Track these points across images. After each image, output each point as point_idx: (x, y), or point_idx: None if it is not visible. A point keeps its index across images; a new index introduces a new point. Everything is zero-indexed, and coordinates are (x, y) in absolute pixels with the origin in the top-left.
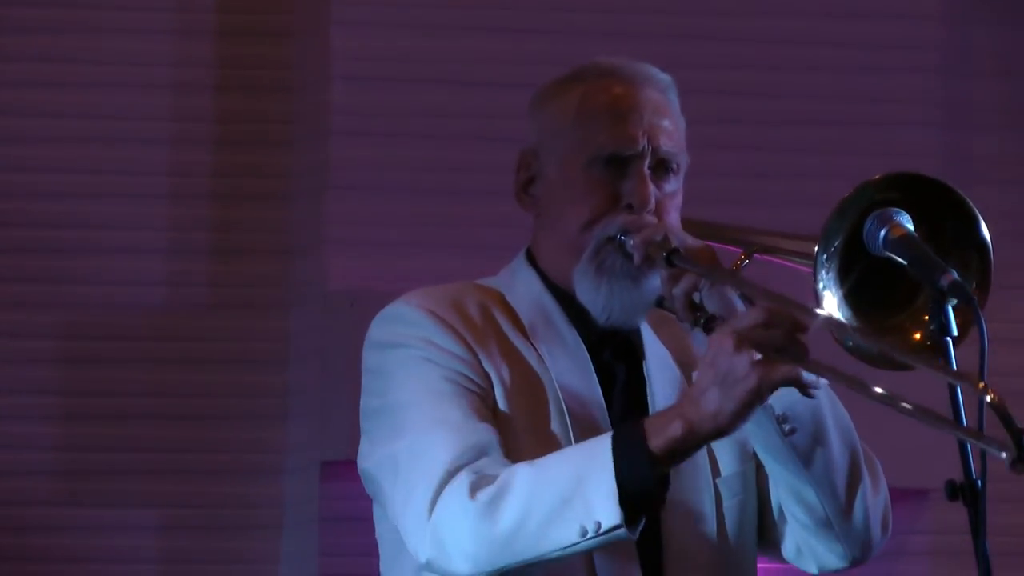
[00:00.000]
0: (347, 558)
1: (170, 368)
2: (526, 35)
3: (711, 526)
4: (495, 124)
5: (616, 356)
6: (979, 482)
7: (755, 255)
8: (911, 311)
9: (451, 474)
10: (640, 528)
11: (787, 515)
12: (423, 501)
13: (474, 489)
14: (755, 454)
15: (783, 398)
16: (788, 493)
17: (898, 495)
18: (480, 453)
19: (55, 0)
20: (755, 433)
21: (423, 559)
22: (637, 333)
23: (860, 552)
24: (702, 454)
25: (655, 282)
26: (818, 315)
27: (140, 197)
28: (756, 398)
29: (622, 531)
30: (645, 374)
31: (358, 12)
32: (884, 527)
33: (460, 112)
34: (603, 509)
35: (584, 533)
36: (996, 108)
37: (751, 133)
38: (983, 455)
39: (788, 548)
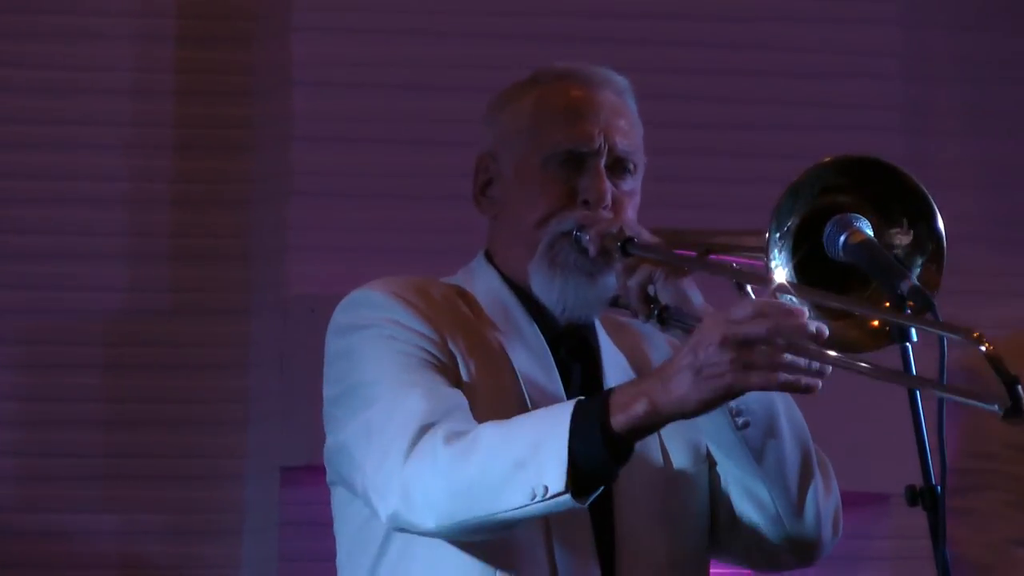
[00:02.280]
0: (307, 563)
1: (131, 373)
2: (484, 40)
3: (662, 520)
4: (456, 129)
5: (572, 355)
6: (939, 487)
7: (711, 256)
8: (864, 298)
9: (426, 427)
10: (589, 499)
11: (738, 514)
12: (399, 452)
13: (448, 439)
14: (708, 454)
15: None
16: (740, 490)
17: (859, 499)
18: (454, 410)
19: (14, 6)
20: (708, 427)
21: (389, 510)
22: (594, 335)
23: (810, 553)
24: (655, 449)
25: (610, 279)
26: (773, 281)
27: (101, 202)
28: (726, 396)
29: (567, 498)
30: (602, 373)
31: (318, 19)
32: (835, 528)
33: (420, 117)
34: (552, 474)
35: (533, 496)
36: (956, 113)
37: (714, 137)
38: (943, 459)
39: (739, 549)
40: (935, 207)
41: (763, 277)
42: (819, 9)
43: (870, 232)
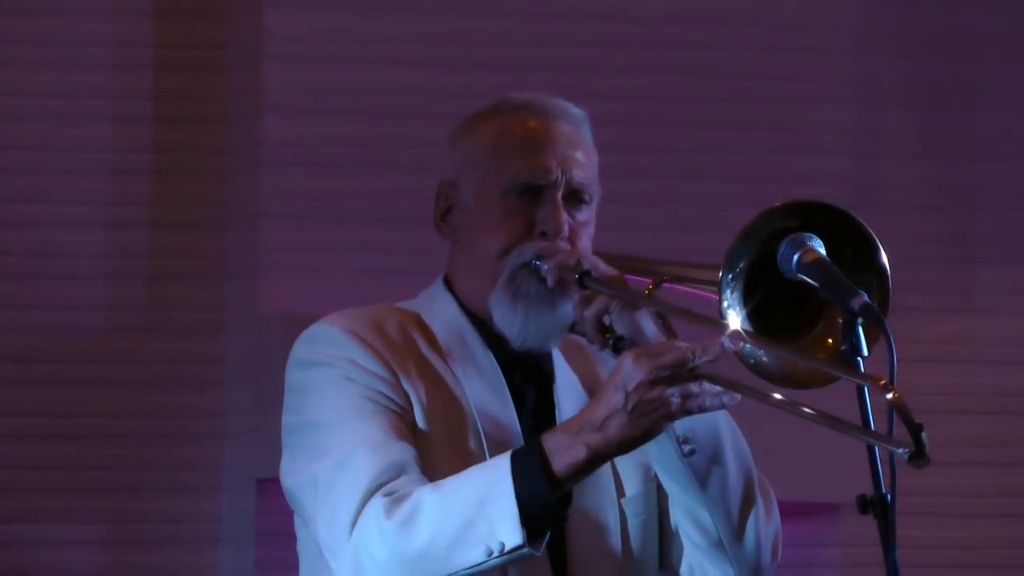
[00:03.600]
0: (281, 571)
1: (110, 390)
2: (449, 69)
3: (616, 544)
4: (422, 154)
5: (526, 379)
6: (888, 496)
7: (664, 284)
8: (814, 334)
9: (369, 494)
10: (544, 543)
11: (682, 536)
12: (344, 522)
13: (388, 511)
14: (656, 476)
15: (684, 420)
16: (684, 514)
17: (811, 509)
18: (399, 471)
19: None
20: (655, 453)
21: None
22: (548, 358)
23: (750, 575)
24: (607, 474)
25: (569, 308)
26: (727, 327)
27: (79, 225)
28: (663, 427)
29: (525, 550)
30: (555, 397)
31: (289, 47)
32: (774, 552)
33: (386, 143)
34: (506, 530)
35: (490, 553)
36: (906, 137)
37: (666, 161)
38: (892, 470)
39: (683, 569)
40: (879, 245)
41: (713, 320)
42: (773, 37)
43: (823, 251)
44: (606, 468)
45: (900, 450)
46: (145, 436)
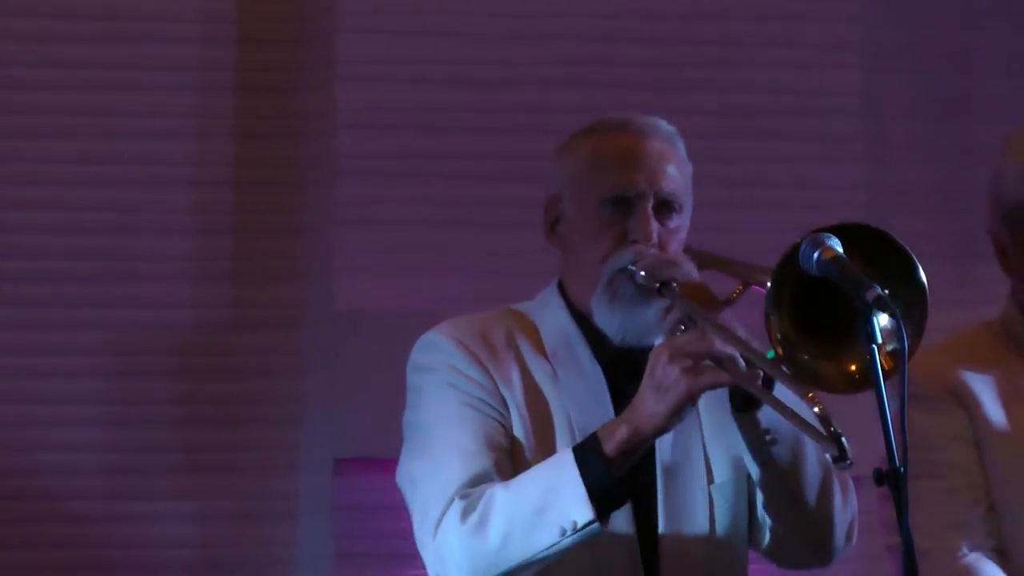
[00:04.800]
0: (356, 540)
1: (198, 379)
2: (516, 88)
3: (704, 527)
4: (485, 164)
5: (629, 375)
6: (902, 468)
7: (752, 288)
8: (846, 346)
9: (451, 500)
10: (609, 519)
11: (766, 518)
12: (430, 524)
13: (464, 515)
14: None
15: (767, 414)
16: (768, 499)
17: None
18: (483, 480)
19: (71, 60)
20: (744, 443)
21: (431, 572)
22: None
23: (825, 556)
24: (699, 462)
25: (662, 307)
26: (750, 347)
27: (171, 232)
28: (687, 400)
29: (595, 526)
30: None
31: (361, 68)
32: (849, 536)
33: (454, 154)
34: (576, 510)
35: (563, 532)
36: (915, 145)
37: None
38: (904, 444)
39: (766, 546)
40: (918, 264)
41: (761, 355)
42: (785, 56)
43: (840, 249)
44: (698, 456)
45: (827, 455)
46: (231, 421)
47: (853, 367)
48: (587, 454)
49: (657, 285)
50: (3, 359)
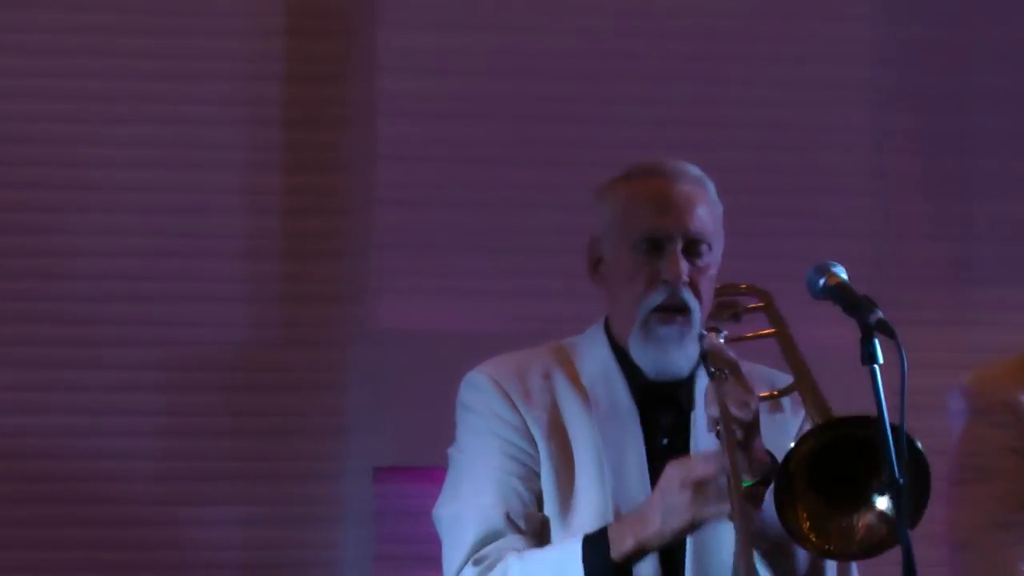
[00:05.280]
0: (397, 545)
1: (249, 393)
2: (553, 124)
3: (728, 560)
4: (520, 193)
5: (662, 405)
6: (901, 480)
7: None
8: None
9: (464, 562)
10: None
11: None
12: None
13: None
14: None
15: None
16: (765, 555)
17: None
18: (494, 538)
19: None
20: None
21: None
22: (687, 386)
23: None
24: (728, 537)
25: (694, 348)
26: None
27: (225, 256)
28: (689, 528)
29: None
30: (691, 422)
31: (404, 104)
32: None
33: (490, 184)
34: None
35: None
36: (918, 181)
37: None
38: (903, 459)
39: None
40: (922, 451)
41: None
42: (798, 97)
43: (844, 276)
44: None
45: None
46: (279, 432)
47: (862, 524)
48: (594, 551)
49: (712, 370)
50: (71, 373)
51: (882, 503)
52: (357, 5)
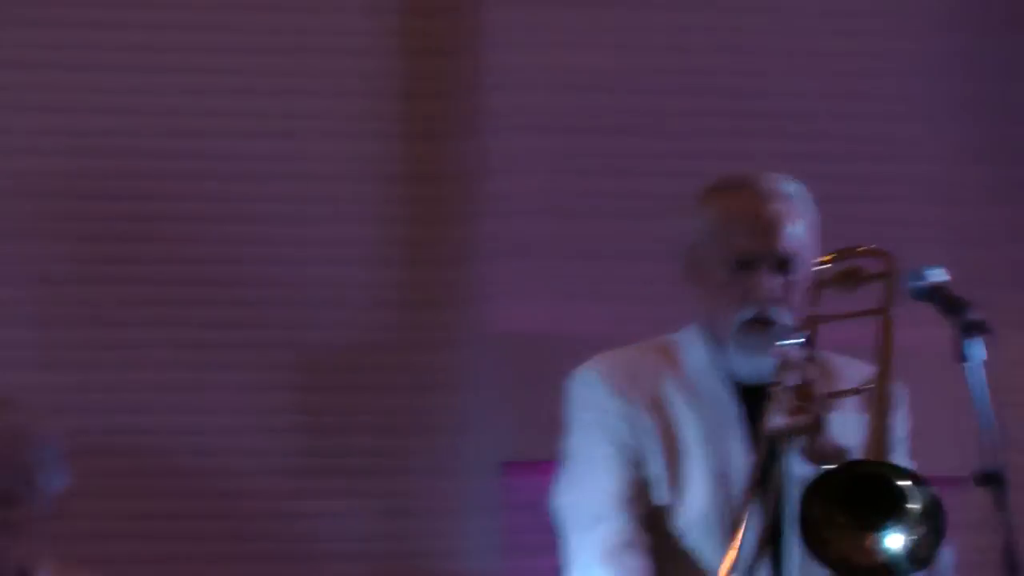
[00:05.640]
0: (523, 535)
1: (375, 394)
2: (658, 136)
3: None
4: (625, 202)
5: (758, 403)
6: (1001, 472)
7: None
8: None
9: (586, 543)
10: None
11: None
12: (569, 561)
13: None
14: None
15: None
16: None
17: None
18: (611, 521)
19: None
20: None
21: None
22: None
23: None
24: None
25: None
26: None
27: (348, 263)
28: None
29: None
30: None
31: (514, 120)
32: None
33: (597, 193)
34: None
35: None
36: (981, 187)
37: None
38: (1000, 449)
39: None
40: (943, 508)
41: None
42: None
43: (943, 278)
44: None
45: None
46: (405, 430)
47: (860, 549)
48: None
49: (773, 384)
50: (208, 375)
51: (894, 541)
52: (466, 26)
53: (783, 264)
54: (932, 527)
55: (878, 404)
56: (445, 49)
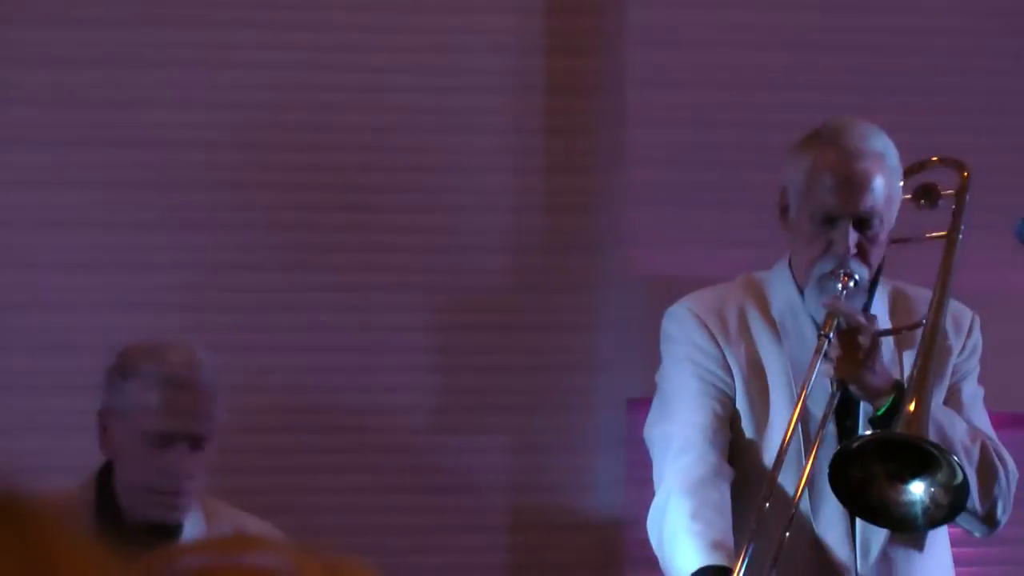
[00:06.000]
0: (645, 469)
1: (513, 334)
2: (781, 90)
3: None
4: (751, 155)
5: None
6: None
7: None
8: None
9: (672, 470)
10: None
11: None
12: (655, 487)
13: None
14: None
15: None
16: None
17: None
18: (697, 451)
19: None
20: None
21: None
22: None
23: (990, 529)
24: None
25: (860, 299)
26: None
27: (495, 211)
28: None
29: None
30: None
31: (652, 75)
32: (1006, 510)
33: (728, 145)
34: None
35: None
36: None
37: None
38: None
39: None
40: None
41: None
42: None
43: None
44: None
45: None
46: (538, 368)
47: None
48: None
49: (822, 332)
50: (360, 316)
51: (917, 488)
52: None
53: (865, 221)
54: (954, 499)
55: (927, 341)
56: (585, 7)
